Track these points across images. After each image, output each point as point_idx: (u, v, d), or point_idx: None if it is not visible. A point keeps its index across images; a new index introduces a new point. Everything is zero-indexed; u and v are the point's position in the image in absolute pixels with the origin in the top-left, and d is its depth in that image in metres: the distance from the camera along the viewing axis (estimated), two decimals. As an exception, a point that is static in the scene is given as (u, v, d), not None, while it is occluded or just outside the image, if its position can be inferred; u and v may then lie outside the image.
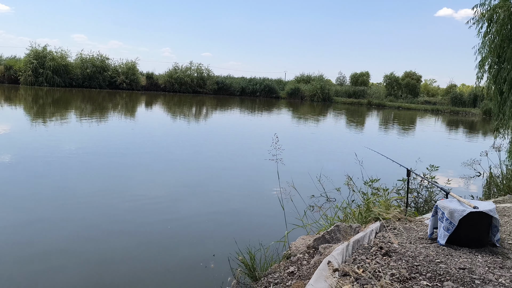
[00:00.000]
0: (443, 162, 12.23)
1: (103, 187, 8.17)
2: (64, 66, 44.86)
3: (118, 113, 24.11)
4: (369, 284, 2.58)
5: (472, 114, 44.37)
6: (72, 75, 45.75)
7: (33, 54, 43.75)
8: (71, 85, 45.22)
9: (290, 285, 3.18)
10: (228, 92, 54.30)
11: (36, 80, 42.88)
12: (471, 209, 3.27)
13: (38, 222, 6.10)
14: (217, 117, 27.12)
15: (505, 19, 10.67)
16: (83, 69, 46.15)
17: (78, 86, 45.51)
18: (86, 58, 47.18)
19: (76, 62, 46.93)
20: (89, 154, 11.16)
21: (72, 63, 46.61)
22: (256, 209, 7.60)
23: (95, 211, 6.75)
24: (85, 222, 6.24)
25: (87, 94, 38.40)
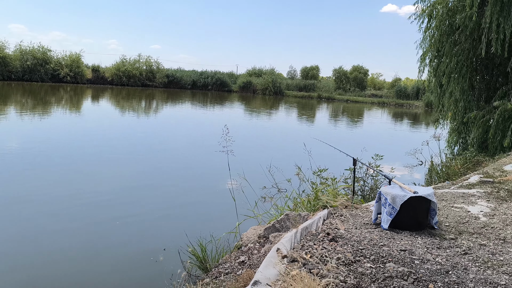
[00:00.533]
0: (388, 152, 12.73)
1: (47, 185, 7.80)
2: (2, 58, 42.04)
3: (62, 108, 23.03)
4: (316, 268, 2.65)
5: (415, 106, 46.54)
6: (11, 68, 42.93)
7: (-34, 46, 40.71)
8: (9, 78, 42.47)
9: (240, 274, 3.20)
10: (179, 85, 53.35)
11: (-31, 73, 39.96)
12: (411, 194, 3.44)
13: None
14: (168, 110, 26.62)
15: (444, 14, 11.25)
16: (23, 62, 43.43)
17: (17, 80, 42.83)
18: (26, 50, 44.44)
19: (15, 54, 44.09)
20: (31, 151, 10.58)
21: (10, 55, 43.71)
22: (208, 202, 7.57)
23: (39, 210, 6.43)
24: (29, 222, 5.94)
25: (28, 87, 36.31)
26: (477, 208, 4.37)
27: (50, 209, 6.53)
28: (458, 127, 12.34)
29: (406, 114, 36.84)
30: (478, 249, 3.13)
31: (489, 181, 5.83)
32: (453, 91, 11.93)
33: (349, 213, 4.19)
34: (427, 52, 12.40)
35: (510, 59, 9.93)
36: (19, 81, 42.09)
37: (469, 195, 4.98)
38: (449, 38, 11.43)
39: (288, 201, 5.30)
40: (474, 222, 3.86)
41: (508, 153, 9.34)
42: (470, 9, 9.91)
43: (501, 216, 4.09)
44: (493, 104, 10.56)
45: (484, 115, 10.71)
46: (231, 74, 63.30)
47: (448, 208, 4.36)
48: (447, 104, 12.46)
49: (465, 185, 5.72)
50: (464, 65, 11.29)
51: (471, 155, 10.11)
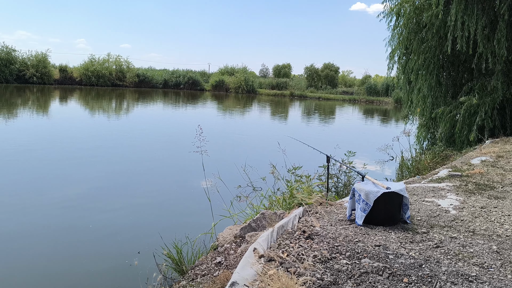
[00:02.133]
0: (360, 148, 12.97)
1: (14, 189, 7.53)
2: (-38, 59, 40.41)
3: (29, 109, 22.30)
4: (293, 267, 2.65)
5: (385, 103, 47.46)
6: (-28, 69, 41.33)
7: None
8: (-29, 79, 40.89)
9: (217, 275, 3.18)
10: (150, 84, 52.57)
11: None
12: (384, 190, 3.50)
13: None
14: (139, 111, 26.19)
15: (411, 13, 11.52)
16: (-15, 62, 41.88)
17: (-20, 81, 41.26)
18: (-11, 50, 42.87)
19: (-23, 54, 42.47)
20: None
21: (-29, 55, 42.08)
22: (183, 203, 7.50)
23: (5, 214, 6.20)
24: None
25: (-8, 89, 35.00)
26: (447, 202, 4.49)
27: (16, 213, 6.31)
28: (427, 122, 12.67)
29: (376, 111, 37.56)
30: (449, 242, 3.22)
31: (457, 174, 6.00)
32: (421, 87, 12.24)
33: (324, 210, 4.23)
34: (395, 50, 12.67)
35: (474, 56, 10.26)
36: (-19, 83, 40.48)
37: (439, 189, 5.12)
38: (416, 35, 11.71)
39: (264, 200, 5.30)
40: (444, 216, 3.97)
41: (475, 147, 9.65)
42: (436, 7, 10.19)
43: (470, 209, 4.22)
44: (459, 100, 10.90)
45: (451, 111, 11.03)
46: (203, 72, 62.89)
47: (419, 203, 4.46)
48: (416, 100, 12.78)
49: (434, 179, 5.87)
50: (432, 62, 11.60)
51: (440, 150, 10.40)
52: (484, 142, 9.87)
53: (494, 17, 9.81)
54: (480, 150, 8.50)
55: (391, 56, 12.86)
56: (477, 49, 9.99)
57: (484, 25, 9.78)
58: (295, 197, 4.72)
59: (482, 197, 4.71)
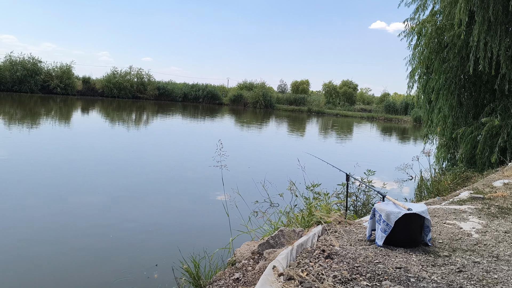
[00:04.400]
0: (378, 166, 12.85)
1: (38, 197, 7.71)
2: (-10, 69, 41.77)
3: (52, 119, 22.84)
4: (313, 286, 2.64)
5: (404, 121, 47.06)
6: (0, 79, 42.64)
7: (-45, 55, 40.31)
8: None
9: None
10: (170, 98, 53.39)
11: (-42, 83, 39.55)
12: (405, 211, 3.47)
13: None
14: (159, 123, 26.55)
15: (433, 32, 11.48)
16: (13, 72, 43.14)
17: (6, 90, 42.50)
18: (16, 61, 44.19)
19: (5, 65, 43.80)
20: (21, 162, 10.45)
21: (0, 66, 43.47)
22: (201, 217, 7.53)
23: (30, 222, 6.34)
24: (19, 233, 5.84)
25: (17, 98, 36.01)
26: (469, 225, 4.41)
27: (38, 222, 6.43)
28: (447, 142, 12.50)
29: (395, 129, 37.22)
30: (472, 266, 3.16)
31: (479, 197, 5.89)
32: (441, 107, 12.12)
33: (343, 229, 4.20)
34: (416, 69, 12.61)
35: (497, 77, 10.14)
36: (8, 92, 41.77)
37: (460, 211, 5.03)
38: (437, 55, 11.65)
39: (282, 216, 5.30)
40: (467, 239, 3.90)
41: (497, 169, 9.46)
42: (458, 27, 10.14)
43: (493, 233, 4.13)
44: (481, 121, 10.74)
45: (472, 131, 10.87)
46: (222, 87, 63.60)
47: (440, 225, 4.39)
48: (436, 120, 12.65)
49: (456, 201, 5.78)
50: (453, 82, 11.49)
51: (460, 171, 10.22)
52: (507, 164, 9.67)
53: (518, 38, 9.71)
54: (502, 173, 8.33)
55: (412, 75, 12.79)
56: (500, 70, 9.87)
57: (507, 46, 9.68)
58: (314, 215, 4.70)
59: (506, 221, 4.61)
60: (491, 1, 9.51)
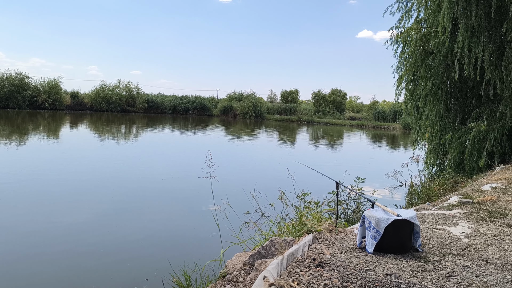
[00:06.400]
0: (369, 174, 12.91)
1: (26, 212, 7.59)
2: (-23, 85, 41.42)
3: (40, 134, 22.61)
4: (304, 296, 2.62)
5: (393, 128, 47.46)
6: (-14, 95, 42.27)
7: None
8: (-16, 106, 41.77)
9: (226, 303, 3.15)
10: (159, 110, 53.32)
11: None
12: (394, 217, 3.47)
13: None
14: (148, 136, 26.42)
15: (418, 40, 11.64)
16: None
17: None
18: (3, 77, 43.93)
19: (-9, 81, 43.51)
20: (9, 179, 10.30)
21: (-14, 82, 43.12)
22: (191, 229, 7.46)
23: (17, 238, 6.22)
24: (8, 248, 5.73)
25: (4, 114, 35.64)
26: (458, 229, 4.43)
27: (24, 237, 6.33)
28: (436, 148, 12.61)
29: (384, 136, 37.49)
30: (462, 271, 3.17)
31: (468, 201, 5.94)
32: (429, 113, 12.25)
33: (334, 237, 4.19)
34: (403, 76, 12.75)
35: (482, 82, 10.29)
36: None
37: (450, 216, 5.06)
38: (423, 62, 11.80)
39: (273, 226, 5.27)
40: (456, 244, 3.91)
41: (485, 173, 9.56)
42: (442, 34, 10.30)
43: (482, 237, 4.16)
44: (468, 126, 10.86)
45: (460, 137, 10.99)
46: (212, 98, 63.67)
47: (430, 230, 4.41)
48: (424, 126, 12.77)
49: (445, 206, 5.81)
50: (439, 88, 11.64)
51: (450, 176, 10.31)
52: (495, 169, 9.78)
53: (501, 44, 9.88)
54: (491, 177, 8.42)
55: (399, 82, 12.93)
56: (485, 76, 10.02)
57: (491, 52, 9.85)
58: (305, 223, 4.69)
59: (495, 225, 4.65)
60: (474, 9, 9.69)
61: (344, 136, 35.71)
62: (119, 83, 51.74)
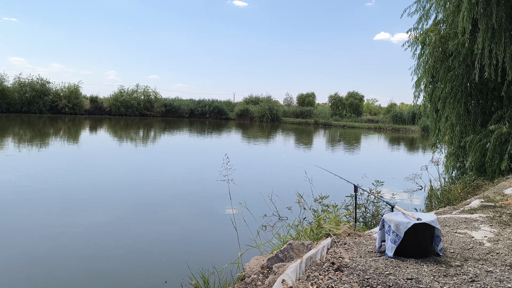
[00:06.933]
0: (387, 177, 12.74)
1: (46, 215, 7.75)
2: (1, 91, 42.49)
3: (61, 139, 23.07)
4: (323, 300, 2.61)
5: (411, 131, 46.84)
6: (10, 100, 43.33)
7: (-34, 79, 41.20)
8: (8, 111, 42.82)
9: (245, 307, 3.15)
10: (177, 114, 53.81)
11: (-32, 105, 40.31)
12: (415, 221, 3.43)
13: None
14: (166, 139, 26.68)
15: (437, 41, 11.48)
16: (22, 94, 43.89)
17: (16, 112, 43.15)
18: (25, 82, 44.98)
19: (14, 86, 44.58)
20: (30, 182, 10.53)
21: (9, 88, 44.19)
22: (209, 232, 7.49)
23: (38, 240, 6.36)
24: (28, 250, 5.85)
25: (26, 119, 36.49)
26: (480, 234, 4.35)
27: (46, 238, 6.45)
28: (456, 151, 12.39)
29: (403, 139, 37.03)
30: (485, 276, 3.10)
31: (490, 205, 5.82)
32: (449, 115, 12.05)
33: (353, 241, 4.16)
34: (421, 78, 12.59)
35: (503, 84, 10.09)
36: (17, 113, 42.39)
37: (471, 220, 4.96)
38: (442, 64, 11.63)
39: (290, 230, 5.26)
40: (479, 248, 3.84)
41: (507, 177, 9.35)
42: (462, 36, 10.14)
43: (506, 241, 4.07)
44: (489, 128, 10.65)
45: (481, 139, 10.78)
46: (228, 102, 63.96)
47: (451, 234, 4.33)
48: (444, 129, 12.56)
49: (466, 210, 5.71)
50: (459, 90, 11.45)
51: (470, 179, 10.11)
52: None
53: (523, 45, 9.68)
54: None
55: (417, 85, 12.77)
56: (506, 77, 9.82)
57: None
58: (323, 227, 4.67)
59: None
60: (494, 9, 9.51)
61: (362, 139, 35.41)
62: (137, 87, 52.46)
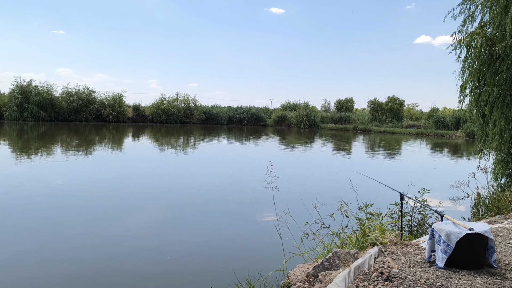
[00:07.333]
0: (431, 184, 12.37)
1: (92, 222, 8.06)
2: (50, 101, 44.84)
3: (105, 146, 23.98)
4: (374, 309, 2.60)
5: (455, 136, 45.21)
6: (58, 109, 45.68)
7: (18, 89, 43.74)
8: (56, 119, 45.08)
9: (293, 314, 3.18)
10: (215, 121, 54.69)
11: (21, 115, 42.72)
12: (467, 231, 3.34)
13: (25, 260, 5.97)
14: (206, 146, 27.14)
15: (483, 44, 11.10)
16: (69, 103, 46.16)
17: (64, 120, 45.37)
18: (72, 92, 47.28)
19: (62, 96, 46.96)
20: (76, 189, 11.01)
21: (58, 97, 46.62)
22: (252, 238, 7.54)
23: (85, 247, 6.62)
24: (75, 258, 6.12)
25: (73, 127, 38.20)
26: (536, 245, 4.17)
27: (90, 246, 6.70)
28: (505, 157, 11.86)
29: (446, 145, 35.81)
30: (543, 289, 2.98)
31: (546, 215, 5.55)
32: (497, 120, 11.57)
33: (400, 250, 4.10)
34: (467, 82, 12.18)
35: (557, 87, 9.60)
36: (65, 122, 44.50)
37: (526, 231, 4.76)
38: (489, 67, 11.21)
39: (335, 238, 5.23)
40: (535, 260, 3.68)
41: None
42: (510, 38, 9.75)
43: None
44: (541, 134, 10.14)
45: (532, 145, 10.29)
46: (266, 108, 64.34)
47: (505, 245, 4.18)
48: (491, 134, 12.07)
49: (520, 220, 5.47)
50: (508, 94, 10.98)
51: (522, 187, 9.66)
52: None
53: None
54: None
55: (462, 89, 12.36)
56: (559, 80, 9.35)
57: None
58: (368, 236, 4.62)
59: None
60: (545, 9, 9.10)
61: (403, 145, 34.54)
62: (177, 95, 53.82)
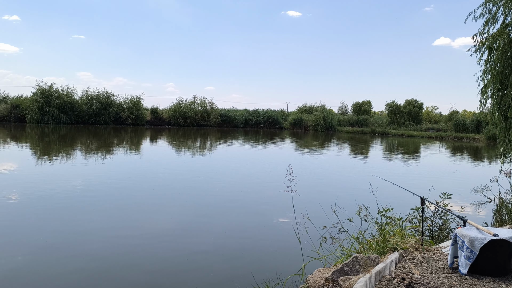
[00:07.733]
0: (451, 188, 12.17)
1: (110, 223, 8.16)
2: (70, 104, 45.76)
3: (124, 148, 24.30)
4: (397, 316, 2.56)
5: (476, 139, 44.34)
6: (78, 112, 46.58)
7: (40, 93, 44.75)
8: (77, 122, 45.94)
9: (313, 319, 3.16)
10: (232, 124, 54.90)
11: (42, 118, 43.68)
12: (491, 237, 3.28)
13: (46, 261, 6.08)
14: (223, 149, 27.24)
15: (505, 46, 10.88)
16: (89, 106, 47.00)
17: (84, 123, 46.21)
18: (92, 95, 48.15)
19: (82, 99, 47.88)
20: (95, 190, 11.18)
21: (78, 101, 47.55)
22: (271, 242, 7.51)
23: (106, 247, 6.71)
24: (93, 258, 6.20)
25: (93, 130, 38.85)
26: None
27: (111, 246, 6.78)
28: (528, 161, 11.59)
29: (466, 148, 35.15)
30: None
31: None
32: (520, 124, 11.31)
33: (421, 256, 4.04)
34: (488, 85, 11.94)
35: None
36: (85, 124, 45.31)
37: (552, 237, 4.63)
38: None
39: (354, 242, 5.19)
40: None
41: None
42: (534, 39, 9.54)
43: None
44: None
45: (557, 149, 10.02)
46: (282, 111, 64.25)
47: (530, 252, 4.07)
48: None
49: (545, 226, 5.33)
50: (532, 97, 10.73)
51: (547, 192, 9.42)
52: None
53: None
54: None
55: (484, 91, 12.12)
56: None
57: None
58: (388, 241, 4.57)
59: None
60: None
61: (422, 148, 34.05)
62: (194, 99, 54.21)
